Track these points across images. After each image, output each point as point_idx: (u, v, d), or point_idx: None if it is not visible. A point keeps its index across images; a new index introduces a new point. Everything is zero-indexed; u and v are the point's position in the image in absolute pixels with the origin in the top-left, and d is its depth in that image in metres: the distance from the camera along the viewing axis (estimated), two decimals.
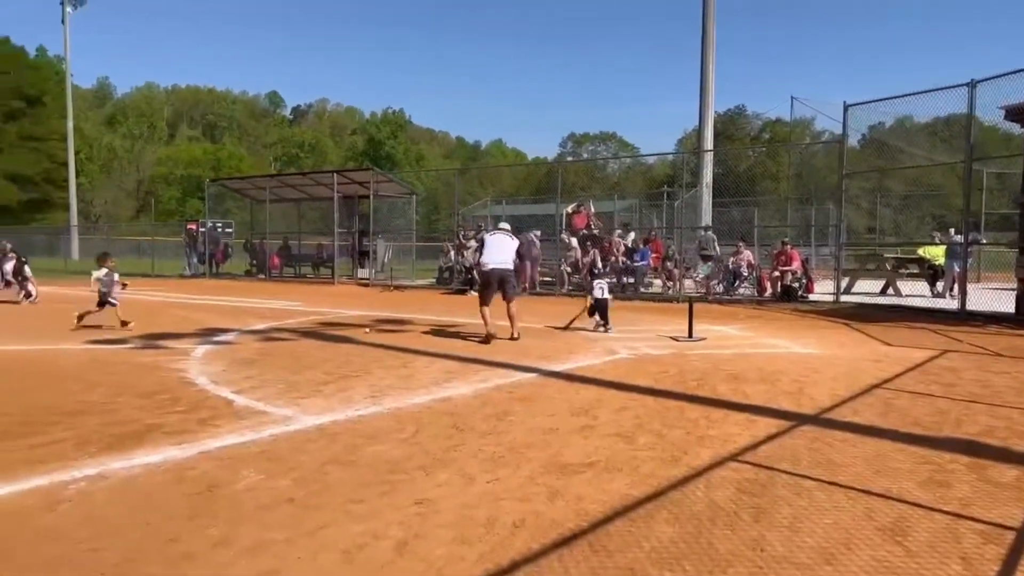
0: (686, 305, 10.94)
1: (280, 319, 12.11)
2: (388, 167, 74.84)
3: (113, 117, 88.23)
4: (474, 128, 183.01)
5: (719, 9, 21.33)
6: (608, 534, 3.37)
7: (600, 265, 18.20)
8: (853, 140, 16.05)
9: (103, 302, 10.65)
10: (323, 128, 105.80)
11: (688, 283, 17.27)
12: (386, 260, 23.27)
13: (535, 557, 3.14)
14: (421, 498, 3.79)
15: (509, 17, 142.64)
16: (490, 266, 10.25)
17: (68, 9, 54.25)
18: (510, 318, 10.06)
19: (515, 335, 9.91)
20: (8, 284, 15.39)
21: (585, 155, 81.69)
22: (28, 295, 15.14)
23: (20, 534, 3.25)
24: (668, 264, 17.43)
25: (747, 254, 16.77)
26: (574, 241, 18.64)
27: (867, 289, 16.49)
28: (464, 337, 10.17)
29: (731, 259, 16.83)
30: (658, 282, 17.97)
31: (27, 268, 15.78)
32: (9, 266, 15.47)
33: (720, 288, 16.66)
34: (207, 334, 10.23)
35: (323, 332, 10.65)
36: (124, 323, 10.68)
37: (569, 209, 20.18)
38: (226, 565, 3.00)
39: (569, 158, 77.45)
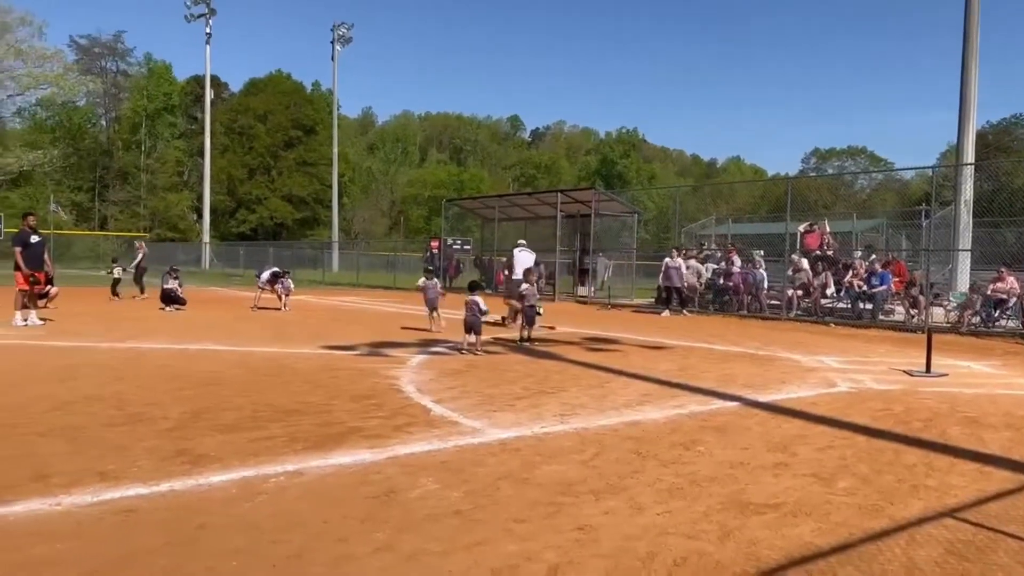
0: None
1: (494, 333, 12.55)
2: (619, 186, 75.30)
3: (374, 144, 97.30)
4: (710, 146, 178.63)
5: (987, 13, 19.00)
6: None
7: (833, 289, 16.94)
8: None
9: None
10: (559, 149, 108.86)
11: (937, 312, 15.46)
12: (605, 278, 23.33)
13: None
14: (584, 524, 3.69)
15: (749, 31, 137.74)
16: (515, 278, 14.34)
17: (337, 47, 60.94)
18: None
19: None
20: (263, 289, 17.37)
21: (830, 171, 76.51)
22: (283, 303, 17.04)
23: (217, 521, 3.60)
24: (912, 290, 15.72)
25: (1011, 281, 14.66)
26: (804, 262, 17.46)
27: None
28: (663, 351, 9.88)
29: (991, 286, 14.80)
30: (900, 309, 16.26)
31: (288, 279, 17.73)
32: (266, 275, 17.49)
33: (976, 319, 14.72)
34: (425, 344, 10.86)
35: (531, 347, 10.87)
36: None
37: (802, 228, 19.01)
38: (382, 570, 3.11)
39: (812, 174, 73.09)
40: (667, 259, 19.37)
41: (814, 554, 3.37)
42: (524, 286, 11.68)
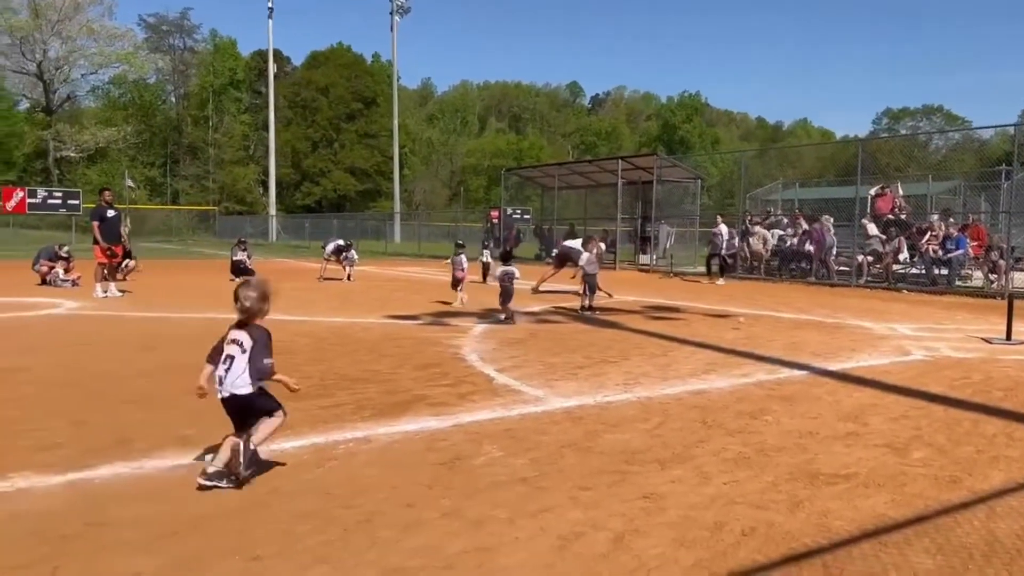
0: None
1: (556, 302, 12.54)
2: (682, 151, 73.91)
3: (433, 114, 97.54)
4: (776, 108, 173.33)
5: None
6: (850, 556, 3.00)
7: (906, 254, 16.37)
8: None
9: None
10: (619, 115, 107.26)
11: (1018, 276, 14.79)
12: (668, 246, 23.01)
13: (758, 570, 2.89)
14: (650, 492, 3.68)
15: None
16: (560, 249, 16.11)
17: (396, 18, 61.02)
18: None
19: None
20: (328, 261, 17.74)
21: (903, 131, 73.55)
22: (348, 276, 17.35)
23: (290, 485, 3.71)
24: (992, 254, 15.06)
25: None
26: (873, 227, 16.88)
27: None
28: (734, 326, 9.71)
29: None
30: (979, 275, 15.61)
31: (352, 251, 18.06)
32: (331, 247, 17.83)
33: None
34: (487, 314, 10.91)
35: (592, 317, 10.83)
36: None
37: (872, 192, 18.36)
38: (448, 535, 3.15)
39: (884, 135, 70.38)
40: (716, 228, 19.20)
41: (889, 526, 3.29)
42: (584, 255, 11.61)
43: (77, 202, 37.40)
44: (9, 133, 59.45)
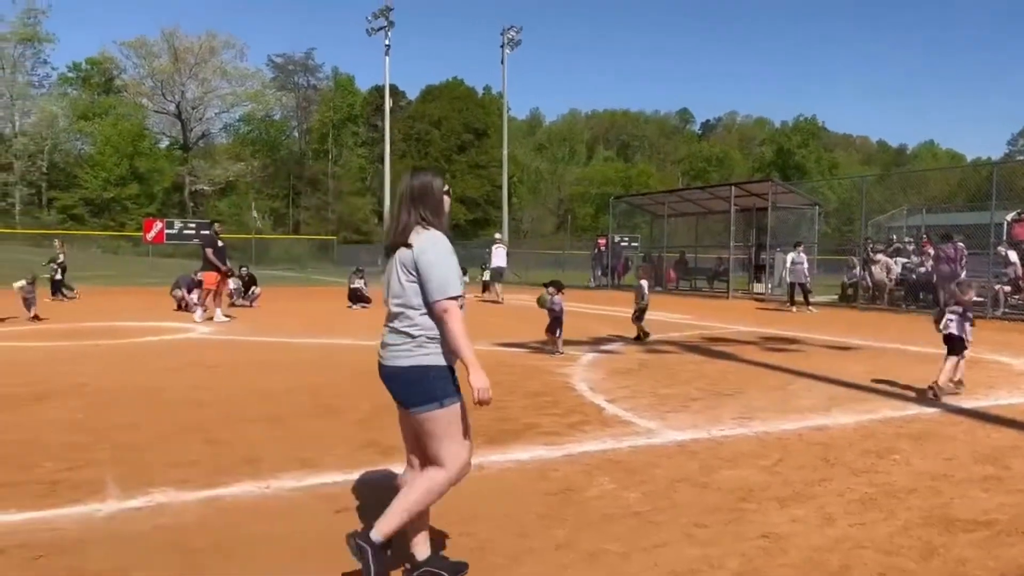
0: None
1: (665, 332, 12.33)
2: (797, 177, 71.60)
3: (541, 144, 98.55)
4: (899, 130, 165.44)
5: None
6: None
7: None
8: None
9: None
10: (731, 141, 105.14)
11: None
12: (784, 274, 22.22)
13: None
14: (769, 532, 3.55)
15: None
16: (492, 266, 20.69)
17: (506, 51, 62.26)
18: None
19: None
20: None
21: None
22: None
23: None
24: None
25: None
26: (1013, 255, 15.78)
27: None
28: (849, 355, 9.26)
29: None
30: None
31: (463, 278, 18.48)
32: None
33: None
34: (595, 343, 10.86)
35: (704, 347, 10.58)
36: None
37: (1009, 217, 17.21)
38: (562, 567, 3.15)
39: (1020, 157, 65.97)
40: (791, 255, 18.20)
41: None
42: (642, 283, 11.44)
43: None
44: (151, 169, 64.17)
